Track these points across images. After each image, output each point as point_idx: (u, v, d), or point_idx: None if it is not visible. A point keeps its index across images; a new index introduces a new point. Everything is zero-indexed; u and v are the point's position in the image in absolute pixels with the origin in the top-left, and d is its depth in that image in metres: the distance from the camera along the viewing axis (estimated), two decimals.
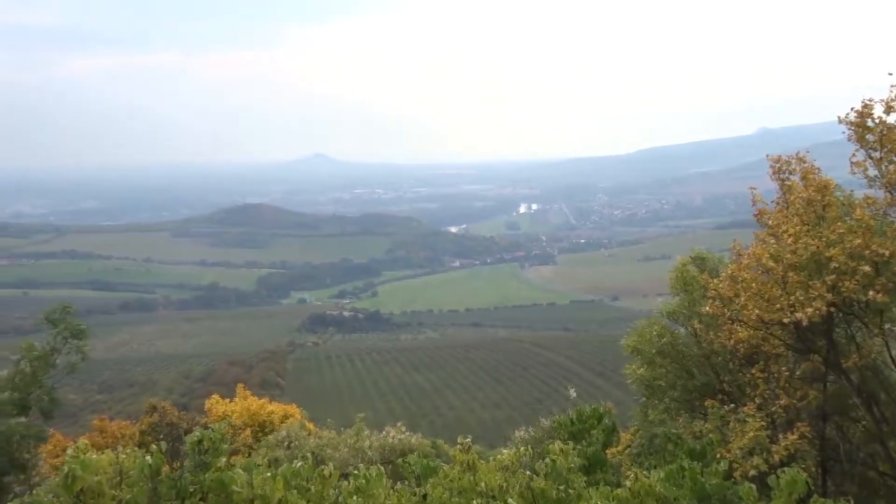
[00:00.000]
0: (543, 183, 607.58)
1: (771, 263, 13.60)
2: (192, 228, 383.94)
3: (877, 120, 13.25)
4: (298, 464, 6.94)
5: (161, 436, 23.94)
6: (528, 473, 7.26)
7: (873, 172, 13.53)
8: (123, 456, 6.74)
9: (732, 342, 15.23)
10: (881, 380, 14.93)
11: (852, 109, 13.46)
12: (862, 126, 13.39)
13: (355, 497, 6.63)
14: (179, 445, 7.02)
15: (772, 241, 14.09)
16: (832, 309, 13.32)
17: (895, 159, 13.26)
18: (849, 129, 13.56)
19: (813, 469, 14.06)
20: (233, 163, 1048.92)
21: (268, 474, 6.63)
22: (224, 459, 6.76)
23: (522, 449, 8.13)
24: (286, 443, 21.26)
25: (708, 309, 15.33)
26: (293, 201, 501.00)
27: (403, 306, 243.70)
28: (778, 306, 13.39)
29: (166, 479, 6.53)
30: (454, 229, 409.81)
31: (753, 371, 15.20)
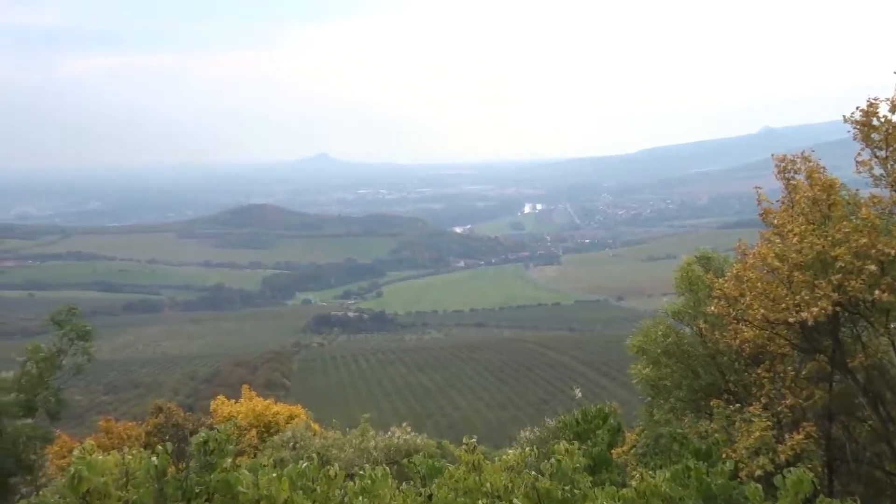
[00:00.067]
0: (547, 183, 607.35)
1: (776, 263, 13.58)
2: (197, 229, 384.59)
3: (882, 119, 13.21)
4: (304, 464, 6.95)
5: (167, 437, 24.02)
6: (534, 474, 7.25)
7: (879, 171, 13.49)
8: (129, 457, 6.76)
9: (738, 342, 15.19)
10: (887, 379, 14.89)
11: (857, 108, 13.43)
12: (867, 125, 13.35)
13: (361, 497, 6.64)
14: (185, 446, 7.04)
15: (777, 241, 14.06)
16: (838, 308, 13.28)
17: None
18: (854, 128, 13.53)
19: (819, 469, 14.03)
20: (236, 163, 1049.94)
21: (273, 475, 6.65)
22: (230, 460, 6.77)
23: (528, 449, 8.12)
24: (292, 443, 21.29)
25: (713, 308, 15.30)
26: (297, 202, 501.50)
27: (408, 307, 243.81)
28: (783, 306, 13.36)
29: (172, 480, 6.55)
30: (458, 229, 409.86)
31: (759, 371, 15.17)
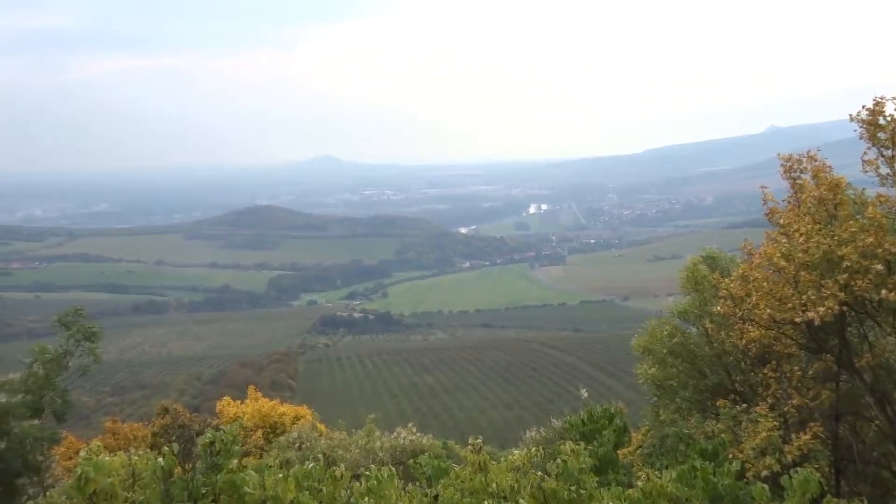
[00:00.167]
0: (552, 183, 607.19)
1: (782, 262, 13.53)
2: (204, 230, 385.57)
3: (889, 118, 13.17)
4: (310, 465, 6.95)
5: (173, 437, 24.04)
6: (540, 474, 7.24)
7: (885, 170, 13.45)
8: (136, 458, 6.77)
9: (744, 342, 15.16)
10: (894, 379, 14.83)
11: (864, 107, 13.39)
12: (874, 124, 13.31)
13: (367, 498, 6.64)
14: (191, 447, 7.05)
15: (783, 240, 14.01)
16: (844, 308, 13.23)
17: None
18: (860, 127, 13.49)
19: (826, 469, 13.98)
20: (242, 164, 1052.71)
21: (280, 475, 6.65)
22: (236, 461, 6.78)
23: (534, 449, 8.11)
24: (298, 444, 21.30)
25: (719, 308, 15.27)
26: (303, 203, 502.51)
27: (413, 307, 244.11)
28: (790, 305, 13.32)
29: (178, 481, 6.55)
30: (464, 230, 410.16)
31: (765, 371, 15.14)
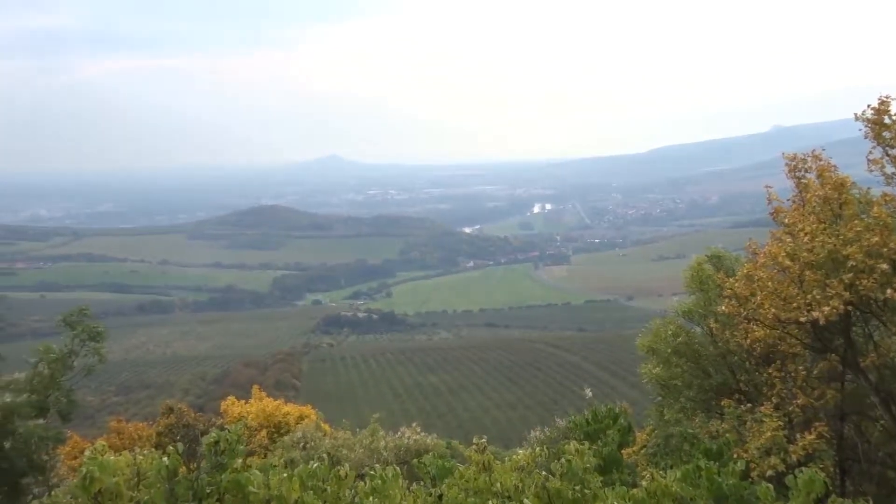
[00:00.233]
0: (556, 183, 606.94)
1: (787, 262, 13.51)
2: (208, 230, 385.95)
3: (894, 117, 13.15)
4: (314, 464, 6.95)
5: (178, 437, 24.06)
6: (544, 474, 7.24)
7: (891, 170, 13.42)
8: (141, 457, 6.79)
9: (749, 341, 15.13)
10: None
11: (869, 106, 13.36)
12: (879, 123, 13.28)
13: (371, 497, 6.64)
14: (196, 447, 7.06)
15: (788, 240, 13.99)
16: (849, 307, 13.21)
17: None
18: (865, 127, 13.46)
19: (831, 469, 13.96)
20: (246, 164, 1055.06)
21: (284, 475, 6.66)
22: (240, 460, 6.79)
23: (538, 449, 8.10)
24: (302, 444, 21.32)
25: (724, 308, 15.24)
26: (307, 203, 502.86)
27: (418, 307, 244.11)
28: (795, 305, 13.29)
29: (183, 480, 6.57)
30: (468, 230, 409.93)
31: (770, 370, 15.11)
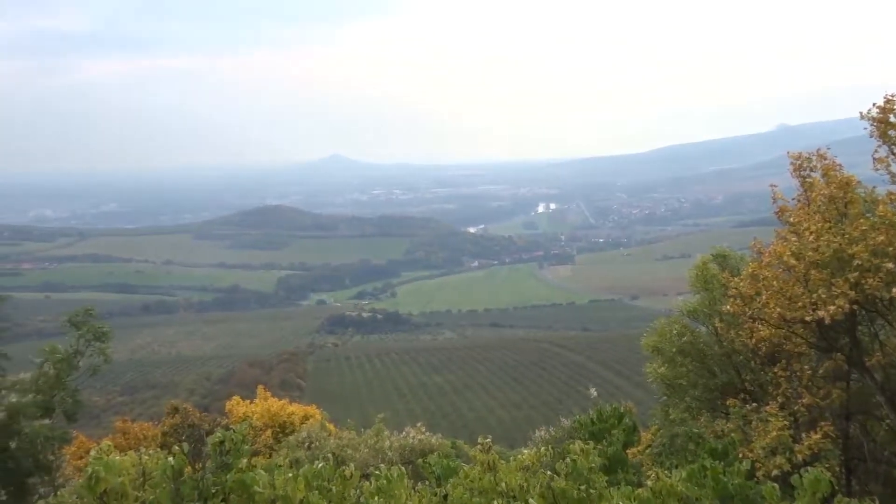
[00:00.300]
0: (561, 182, 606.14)
1: (792, 261, 13.48)
2: (212, 230, 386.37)
3: None
4: (319, 464, 6.96)
5: (183, 437, 24.15)
6: (549, 473, 7.23)
7: None
8: (146, 457, 6.79)
9: (754, 341, 15.11)
10: None
11: (874, 105, 13.34)
12: (884, 122, 13.25)
13: (377, 497, 6.64)
14: (201, 446, 7.06)
15: (793, 239, 13.96)
16: (855, 307, 13.17)
17: None
18: (871, 125, 13.43)
19: (837, 468, 13.93)
20: (250, 164, 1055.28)
21: (289, 475, 6.66)
22: (245, 460, 6.80)
23: (543, 449, 8.09)
24: (307, 443, 21.32)
25: (729, 307, 15.22)
26: (311, 203, 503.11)
27: (422, 307, 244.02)
28: (800, 304, 13.26)
29: (189, 480, 6.57)
30: (472, 229, 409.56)
31: (775, 370, 15.08)
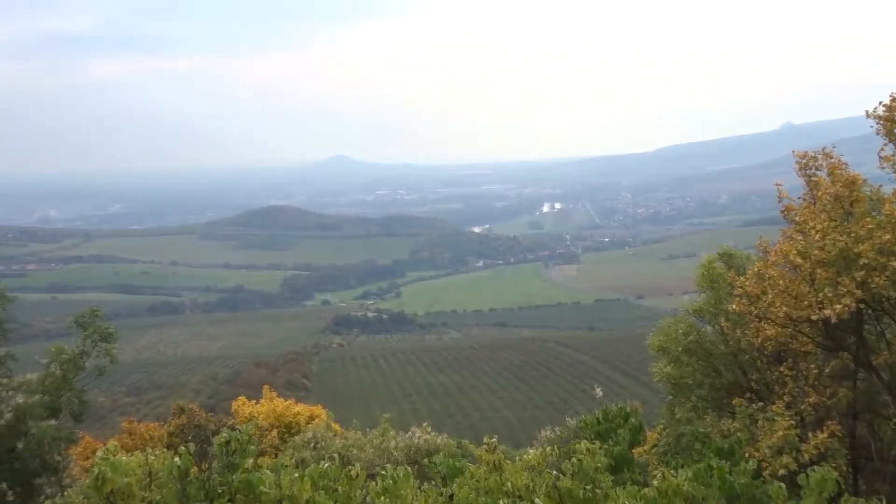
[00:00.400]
0: (565, 182, 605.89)
1: (798, 260, 13.44)
2: (218, 231, 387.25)
3: None
4: (325, 464, 6.95)
5: (189, 437, 24.19)
6: (555, 473, 7.22)
7: None
8: (152, 457, 6.80)
9: (760, 340, 15.06)
10: None
11: (880, 103, 13.31)
12: (890, 120, 13.22)
13: (383, 497, 6.64)
14: (207, 447, 7.07)
15: (799, 238, 13.92)
16: (861, 305, 13.14)
17: None
18: (877, 123, 13.40)
19: (844, 468, 13.88)
20: (255, 165, 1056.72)
21: (295, 475, 6.66)
22: (251, 460, 6.80)
23: (549, 449, 8.08)
24: (313, 444, 21.32)
25: (735, 306, 15.19)
26: (316, 203, 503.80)
27: (427, 307, 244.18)
28: (806, 303, 13.23)
29: (195, 480, 6.58)
30: (477, 229, 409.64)
31: (782, 369, 15.04)
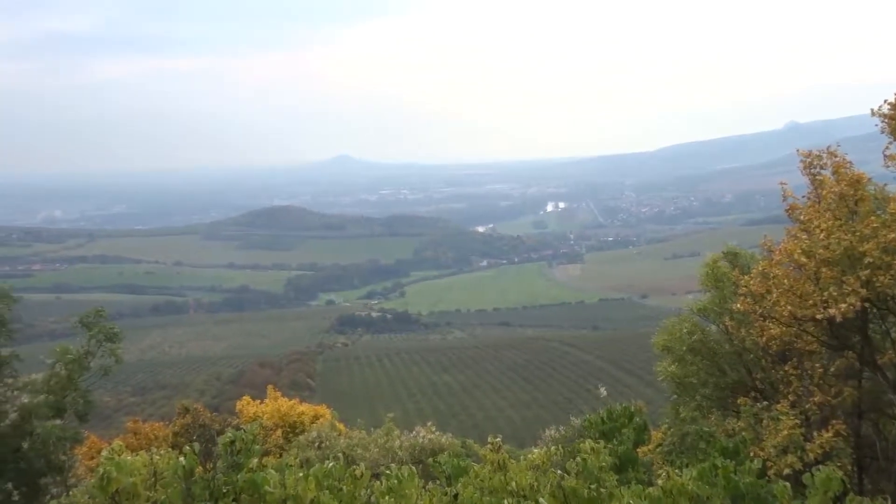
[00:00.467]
0: (569, 181, 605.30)
1: (803, 259, 13.42)
2: (222, 231, 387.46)
3: None
4: (330, 464, 6.95)
5: (194, 437, 24.23)
6: (559, 473, 7.21)
7: None
8: (157, 457, 6.80)
9: (764, 339, 15.04)
10: None
11: (885, 101, 13.29)
12: (895, 118, 13.19)
13: (387, 497, 6.63)
14: (212, 446, 7.09)
15: (804, 237, 13.90)
16: (866, 304, 13.11)
17: None
18: (882, 122, 13.38)
19: (849, 467, 13.86)
20: (259, 165, 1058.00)
21: (300, 474, 6.66)
22: (256, 460, 6.80)
23: (553, 448, 8.07)
24: (317, 443, 21.34)
25: (739, 306, 15.17)
26: (320, 203, 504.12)
27: (431, 306, 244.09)
28: (811, 302, 13.21)
29: (200, 480, 6.58)
30: (481, 229, 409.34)
31: (786, 368, 15.03)
